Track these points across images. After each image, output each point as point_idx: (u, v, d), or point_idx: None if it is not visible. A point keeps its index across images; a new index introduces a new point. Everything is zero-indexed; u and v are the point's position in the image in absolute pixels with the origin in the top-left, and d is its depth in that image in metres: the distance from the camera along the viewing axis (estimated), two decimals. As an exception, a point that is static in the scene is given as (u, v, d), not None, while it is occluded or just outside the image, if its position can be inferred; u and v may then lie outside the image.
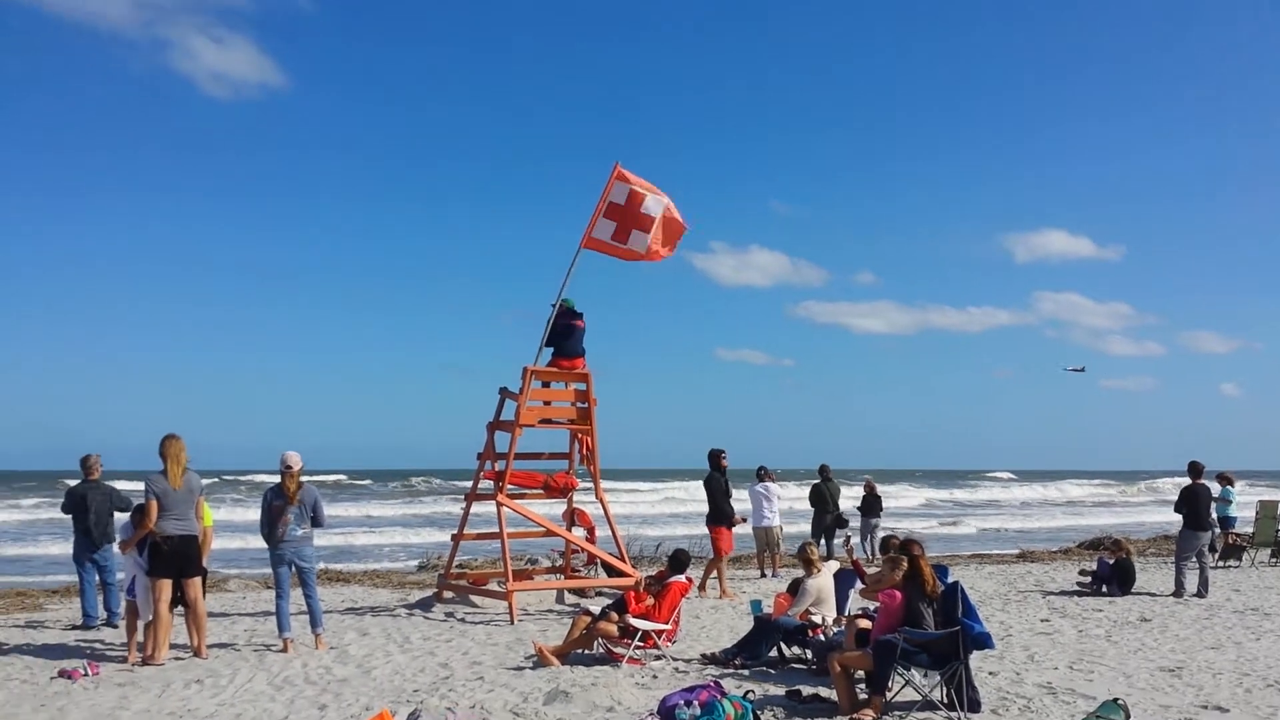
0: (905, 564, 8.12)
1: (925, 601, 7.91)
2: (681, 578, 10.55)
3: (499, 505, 13.27)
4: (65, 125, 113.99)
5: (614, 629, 9.89)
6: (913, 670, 7.71)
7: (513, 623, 12.29)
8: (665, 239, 13.73)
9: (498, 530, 13.24)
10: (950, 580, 8.20)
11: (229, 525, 27.98)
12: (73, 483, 12.55)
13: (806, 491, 20.86)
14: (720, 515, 15.24)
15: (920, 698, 7.82)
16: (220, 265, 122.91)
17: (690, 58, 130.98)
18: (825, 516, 19.50)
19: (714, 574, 15.40)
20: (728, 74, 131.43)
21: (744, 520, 15.83)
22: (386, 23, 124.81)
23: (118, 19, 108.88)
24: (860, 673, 8.14)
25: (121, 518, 11.62)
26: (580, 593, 14.25)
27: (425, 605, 13.74)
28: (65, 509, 12.30)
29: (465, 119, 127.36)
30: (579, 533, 14.57)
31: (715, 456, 15.41)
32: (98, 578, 12.31)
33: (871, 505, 21.24)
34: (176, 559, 9.85)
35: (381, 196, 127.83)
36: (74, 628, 12.13)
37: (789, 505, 22.27)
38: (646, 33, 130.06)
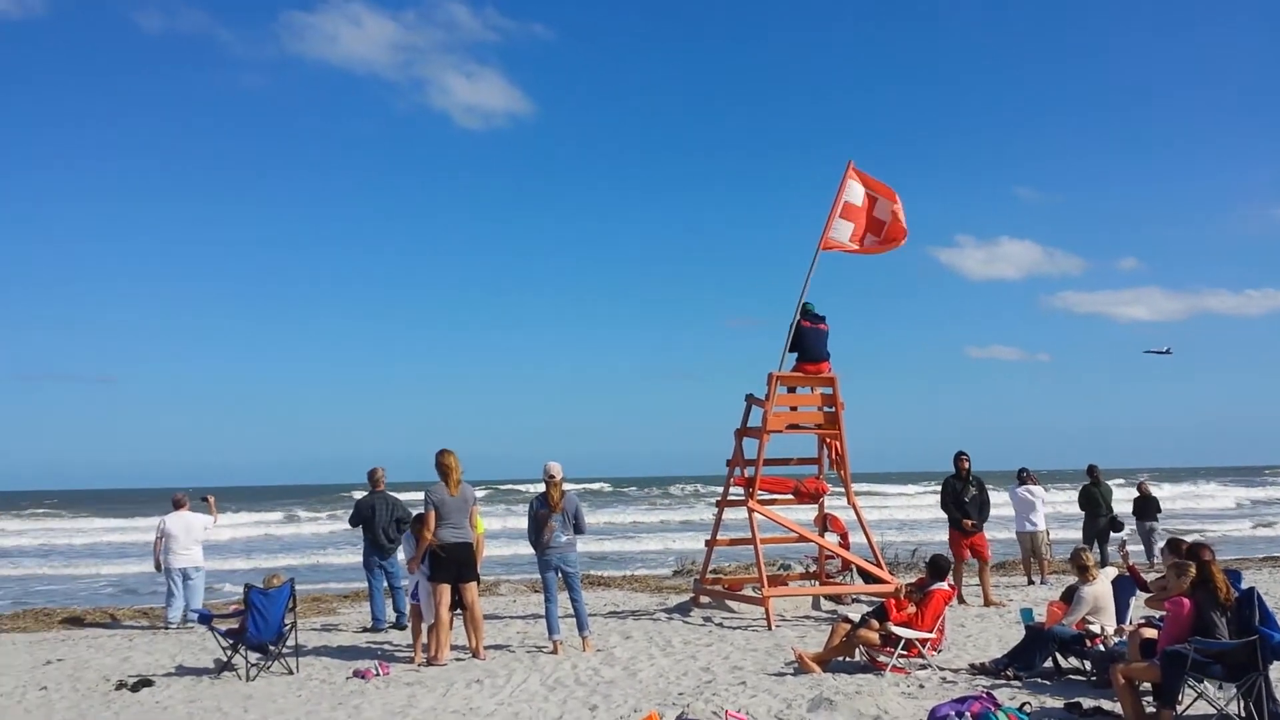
0: (1193, 570, 7.57)
1: (1218, 610, 7.34)
2: (944, 585, 10.24)
3: (750, 511, 13.32)
4: (342, 164, 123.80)
5: (875, 637, 9.72)
6: (1205, 683, 7.18)
7: (770, 628, 12.30)
8: (890, 239, 13.63)
9: (750, 536, 13.30)
10: (1245, 586, 7.58)
11: (498, 534, 29.47)
12: (360, 494, 13.59)
13: (1071, 495, 19.77)
14: (952, 520, 14.75)
15: (1215, 711, 7.27)
16: (467, 284, 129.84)
17: (925, 47, 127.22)
18: (1098, 520, 18.39)
19: (974, 581, 14.85)
20: (963, 61, 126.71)
21: (972, 524, 14.92)
22: (619, 40, 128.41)
23: (381, 65, 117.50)
24: (1146, 685, 7.64)
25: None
26: (837, 599, 14.09)
27: (683, 610, 13.97)
28: (354, 520, 13.34)
29: (695, 129, 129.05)
30: (832, 538, 14.41)
31: (955, 459, 14.91)
32: (385, 583, 13.29)
33: (1146, 507, 19.86)
34: (454, 565, 10.48)
35: (613, 212, 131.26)
36: (364, 630, 13.11)
37: (1054, 509, 21.12)
38: (873, 22, 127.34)
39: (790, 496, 14.05)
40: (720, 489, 14.61)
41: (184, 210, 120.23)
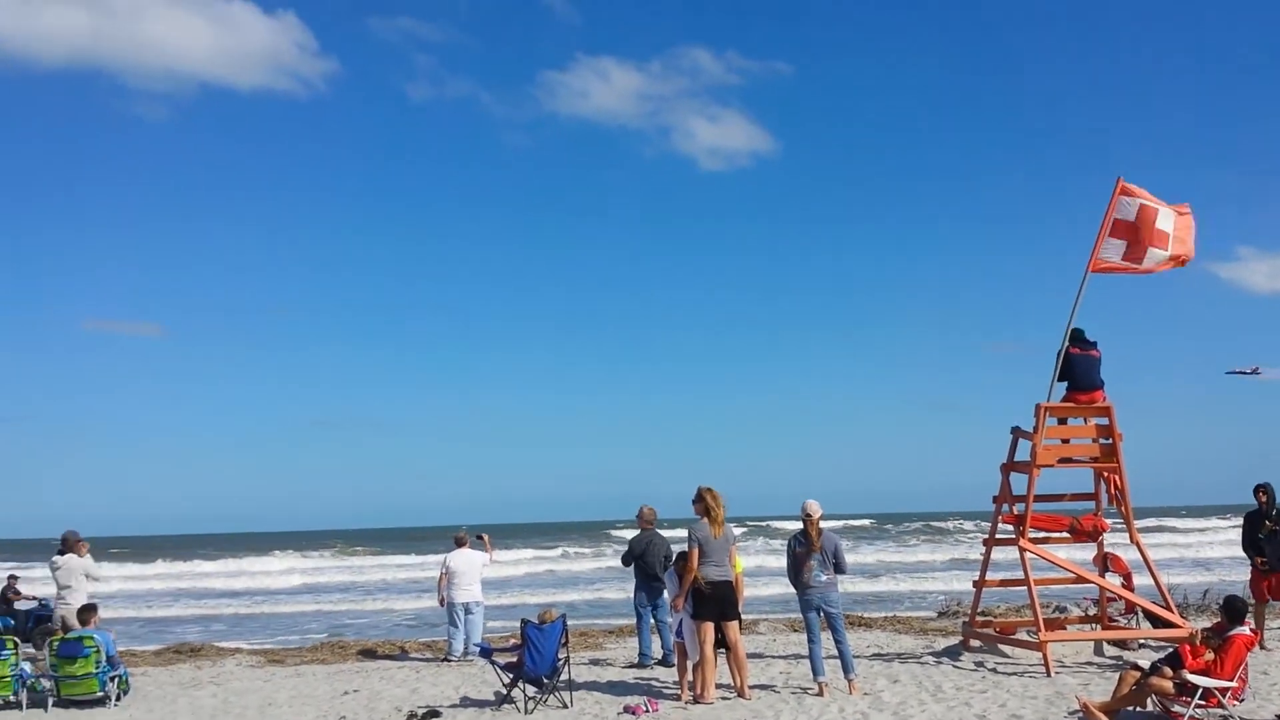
0: None
1: None
2: (1244, 629, 9.40)
3: (1021, 550, 12.72)
4: (599, 212, 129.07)
5: (1170, 686, 9.03)
6: None
7: (1049, 675, 11.66)
8: (1182, 246, 12.81)
9: (1022, 576, 12.68)
10: None
11: (755, 572, 29.46)
12: (629, 532, 14.02)
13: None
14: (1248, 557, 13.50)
15: None
16: (720, 320, 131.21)
17: (1200, 58, 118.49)
18: None
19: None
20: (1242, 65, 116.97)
21: (1264, 562, 13.54)
22: (857, 74, 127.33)
23: (628, 115, 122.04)
24: None
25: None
26: (1122, 645, 13.18)
27: (953, 653, 13.48)
28: (626, 559, 13.74)
29: (949, 156, 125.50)
30: (1113, 579, 13.52)
31: (1254, 492, 13.64)
32: (653, 620, 13.60)
33: None
34: (717, 603, 10.59)
35: (865, 243, 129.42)
36: (631, 666, 13.44)
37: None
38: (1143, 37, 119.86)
39: (1066, 535, 13.32)
40: (989, 526, 14.05)
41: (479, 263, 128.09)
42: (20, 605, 17.53)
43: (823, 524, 10.96)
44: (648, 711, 10.17)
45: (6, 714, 11.11)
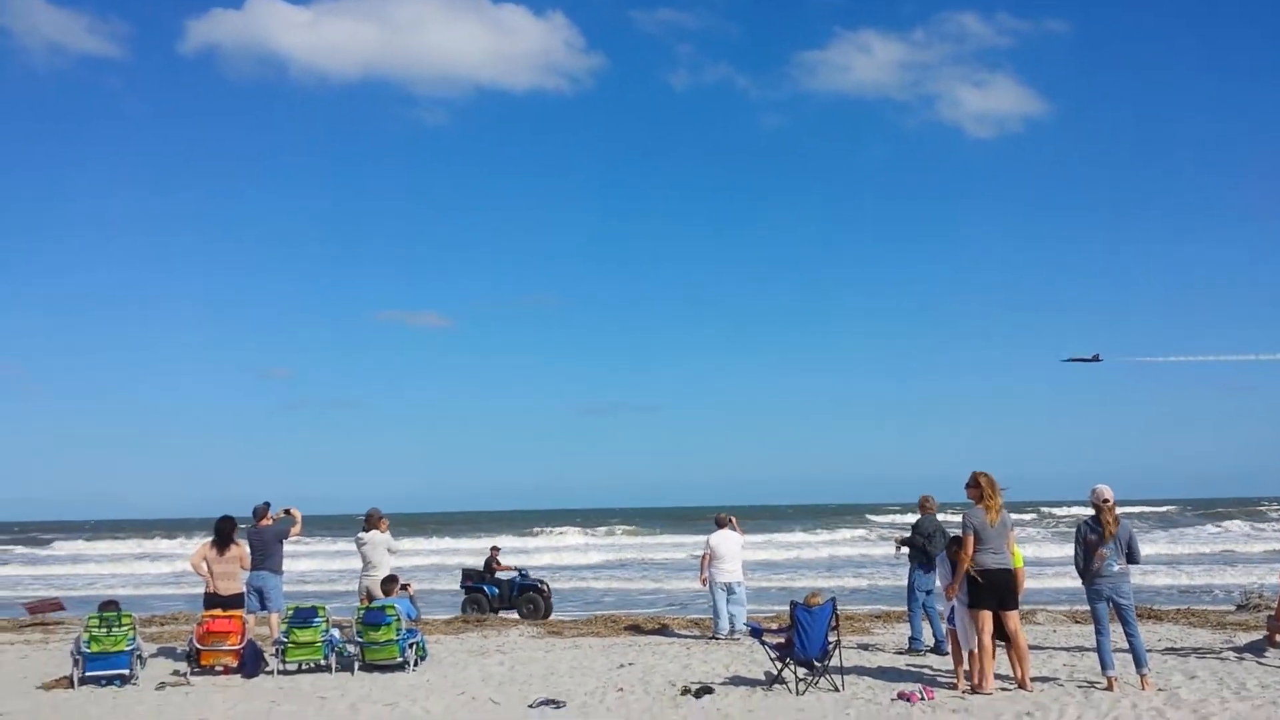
0: None
1: None
2: None
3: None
4: (858, 188, 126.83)
5: None
6: None
7: (1378, 679, 10.50)
8: None
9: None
10: None
11: (1033, 561, 28.15)
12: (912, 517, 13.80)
13: None
14: None
15: None
16: (1007, 291, 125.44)
17: None
18: None
19: None
20: None
21: None
22: (1140, 30, 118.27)
23: (891, 86, 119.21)
24: None
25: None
26: None
27: (1255, 649, 12.41)
28: (909, 543, 13.50)
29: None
30: None
31: None
32: (923, 605, 13.30)
33: None
34: (995, 592, 10.20)
35: (1154, 203, 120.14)
36: (902, 652, 13.18)
37: None
38: None
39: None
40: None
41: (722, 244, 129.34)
42: (502, 575, 19.16)
43: (1116, 510, 10.33)
44: (923, 699, 9.95)
45: (318, 676, 12.19)
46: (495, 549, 19.98)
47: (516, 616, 18.35)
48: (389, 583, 13.22)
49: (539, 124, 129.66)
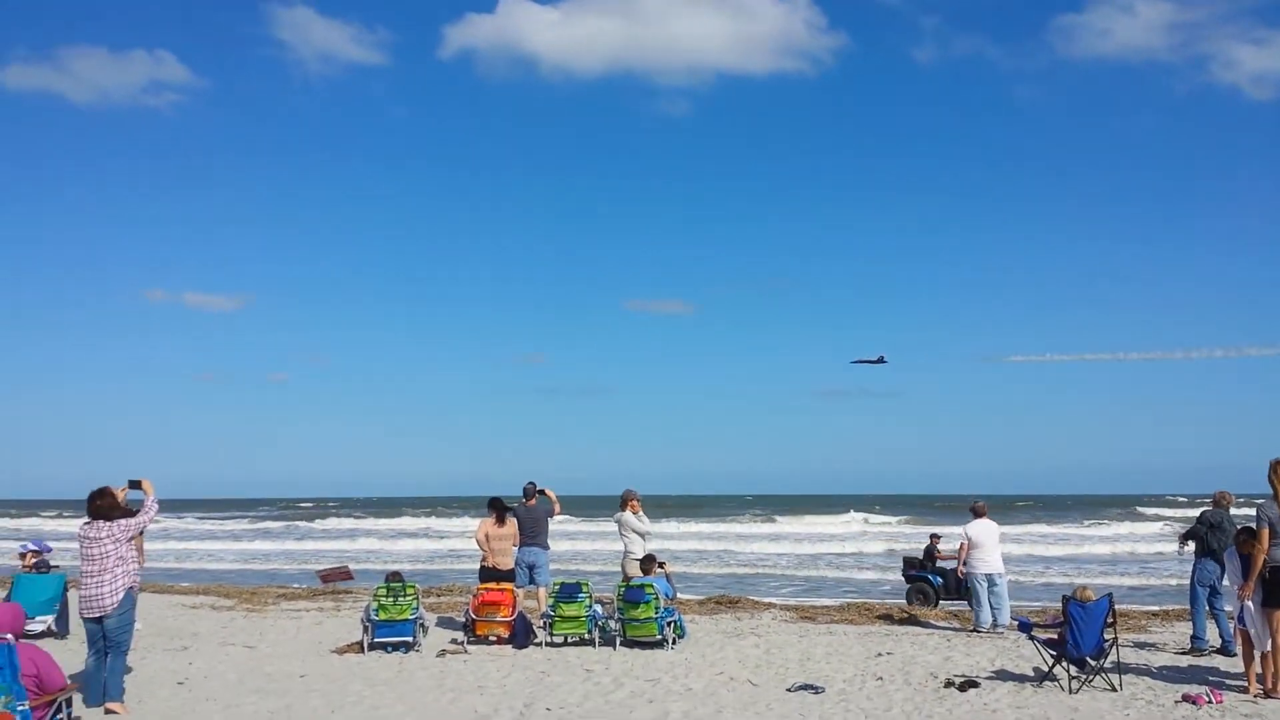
0: None
1: None
2: None
3: None
4: (1116, 160, 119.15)
5: None
6: None
7: None
8: None
9: None
10: None
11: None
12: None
13: None
14: None
15: None
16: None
17: None
18: None
19: None
20: None
21: None
22: None
23: (1157, 49, 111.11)
24: None
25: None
26: None
27: None
28: (1189, 536, 12.69)
29: None
30: None
31: None
32: (1207, 603, 12.42)
33: None
34: (1295, 590, 9.40)
35: None
36: (1183, 652, 12.34)
37: None
38: None
39: None
40: None
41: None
42: (944, 564, 17.75)
43: None
44: (1210, 702, 9.30)
45: (582, 649, 12.71)
46: (935, 537, 18.82)
47: (906, 604, 17.66)
48: (647, 562, 13.60)
49: (781, 109, 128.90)
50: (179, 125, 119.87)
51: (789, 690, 10.22)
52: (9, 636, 7.29)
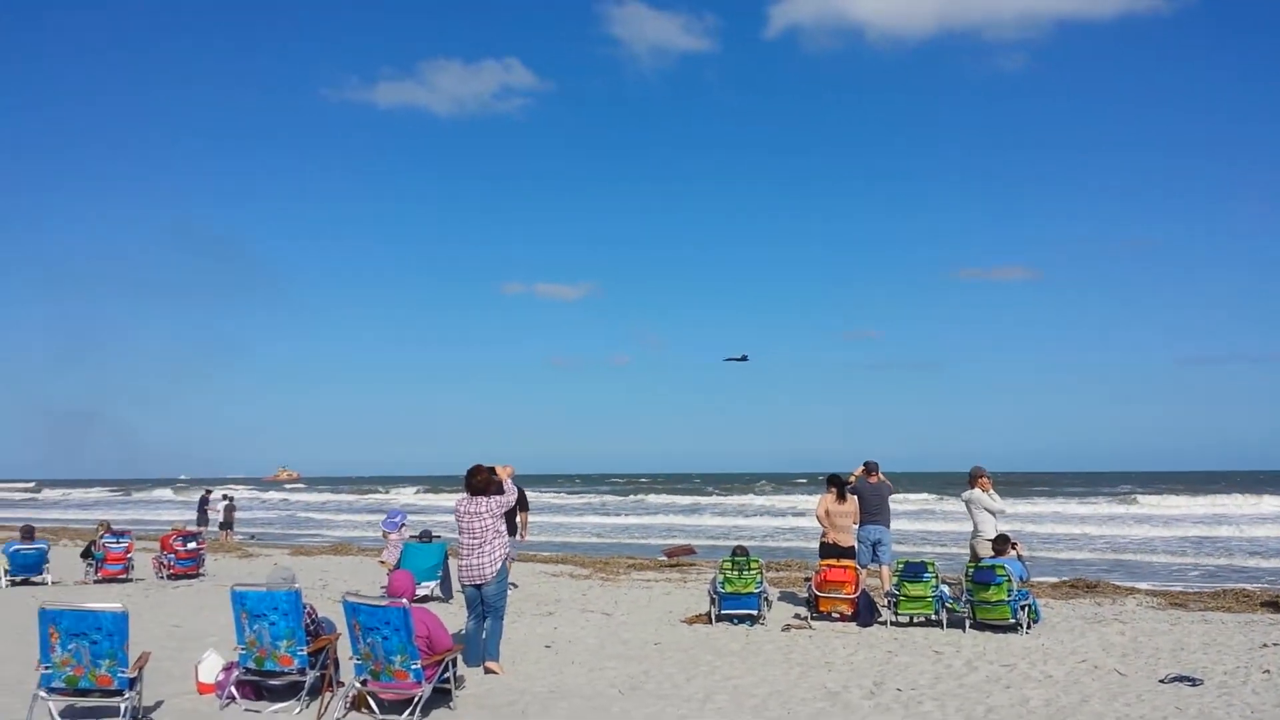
0: None
1: None
2: None
3: None
4: None
5: None
6: None
7: None
8: None
9: None
10: None
11: None
12: None
13: None
14: None
15: None
16: None
17: None
18: None
19: None
20: None
21: None
22: None
23: None
24: None
25: None
26: None
27: None
28: None
29: None
30: None
31: None
32: None
33: None
34: None
35: None
36: None
37: None
38: None
39: None
40: None
41: None
42: None
43: None
44: None
45: (929, 630, 12.42)
46: None
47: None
48: (1000, 542, 13.05)
49: (1131, 52, 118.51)
50: (527, 128, 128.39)
51: (1162, 681, 9.49)
52: (404, 600, 8.17)
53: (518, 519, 14.77)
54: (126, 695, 7.68)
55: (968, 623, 12.43)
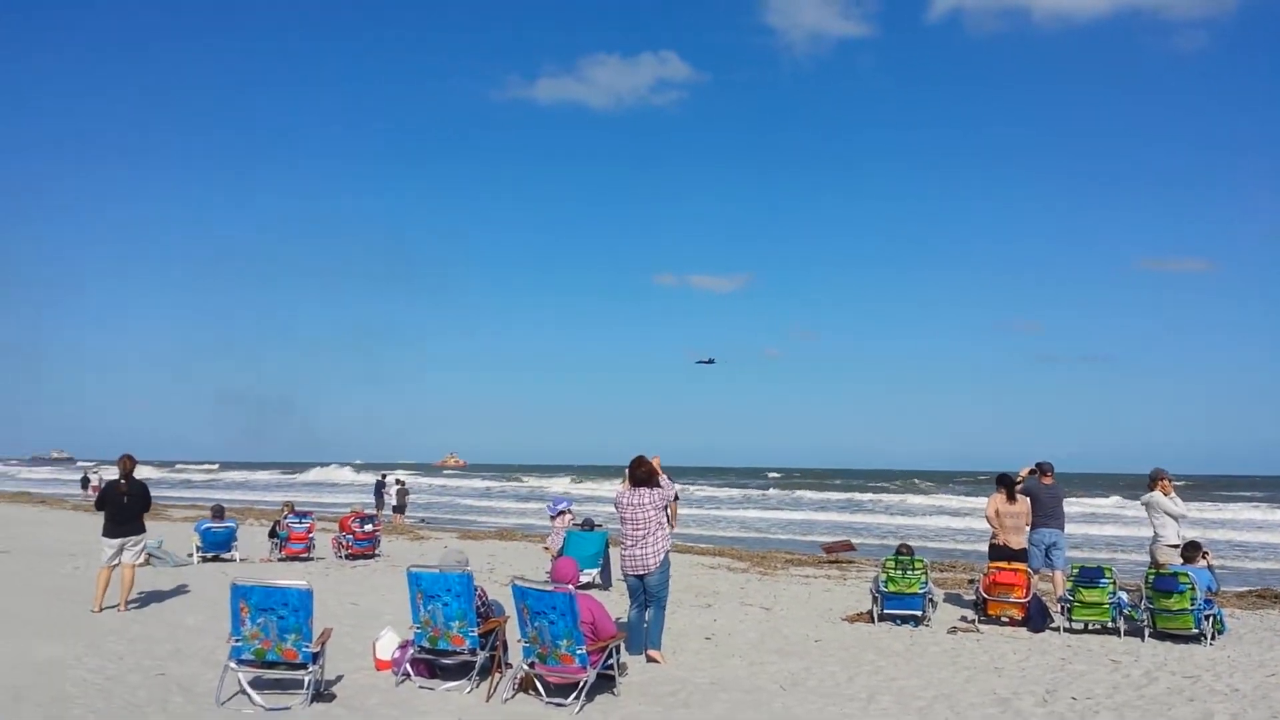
0: None
1: None
2: None
3: None
4: None
5: None
6: None
7: None
8: None
9: None
10: None
11: None
12: None
13: None
14: None
15: None
16: None
17: None
18: None
19: None
20: None
21: None
22: None
23: None
24: None
25: None
26: None
27: None
28: None
29: None
30: None
31: None
32: None
33: None
34: None
35: None
36: None
37: None
38: None
39: None
40: None
41: None
42: None
43: None
44: None
45: (1105, 638, 11.89)
46: None
47: None
48: (1190, 549, 12.39)
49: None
50: (682, 121, 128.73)
51: (1364, 702, 8.85)
52: (569, 587, 8.35)
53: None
54: (310, 669, 8.10)
55: (1147, 631, 11.87)
